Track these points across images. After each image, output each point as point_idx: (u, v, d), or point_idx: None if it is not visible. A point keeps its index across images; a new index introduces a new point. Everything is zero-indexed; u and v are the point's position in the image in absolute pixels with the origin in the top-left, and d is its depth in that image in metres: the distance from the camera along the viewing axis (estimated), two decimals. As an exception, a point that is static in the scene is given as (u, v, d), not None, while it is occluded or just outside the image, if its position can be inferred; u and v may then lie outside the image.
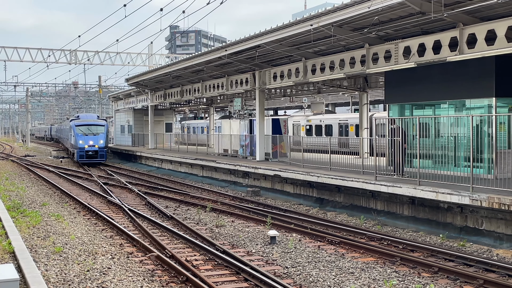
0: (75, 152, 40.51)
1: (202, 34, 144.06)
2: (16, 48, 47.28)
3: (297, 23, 18.47)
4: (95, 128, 40.81)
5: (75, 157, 40.14)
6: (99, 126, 41.27)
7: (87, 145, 39.34)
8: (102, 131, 40.88)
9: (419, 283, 10.33)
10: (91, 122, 41.68)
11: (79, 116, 44.01)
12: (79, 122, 41.62)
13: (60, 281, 10.14)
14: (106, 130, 41.52)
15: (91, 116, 45.55)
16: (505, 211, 13.07)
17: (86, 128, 40.61)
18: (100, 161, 39.90)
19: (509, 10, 14.17)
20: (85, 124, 41.07)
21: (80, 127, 40.66)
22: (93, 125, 41.09)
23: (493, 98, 16.51)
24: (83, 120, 42.29)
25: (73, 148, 41.55)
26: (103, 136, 40.51)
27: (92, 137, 39.85)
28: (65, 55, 48.01)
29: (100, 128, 41.05)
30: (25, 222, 15.91)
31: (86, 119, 42.47)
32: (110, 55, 50.08)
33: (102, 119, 43.83)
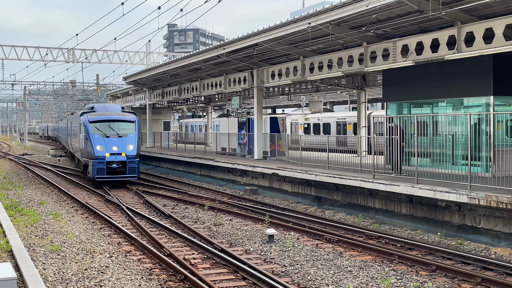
0: (89, 165, 25.65)
1: (200, 33, 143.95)
2: (14, 46, 47.18)
3: (295, 22, 18.47)
4: (120, 126, 26.76)
5: (90, 173, 25.46)
6: (127, 123, 27.00)
7: (108, 153, 25.19)
8: (132, 130, 26.64)
9: (417, 281, 10.33)
10: (114, 116, 27.25)
11: (94, 107, 29.05)
12: (95, 116, 26.98)
13: (58, 280, 10.13)
14: (138, 130, 27.05)
15: (112, 107, 29.97)
16: (503, 209, 13.08)
17: (106, 126, 26.45)
18: (129, 178, 25.75)
19: (507, 8, 14.18)
20: (105, 120, 26.74)
21: (97, 124, 26.36)
22: (117, 121, 26.95)
23: (491, 97, 16.51)
24: (102, 114, 27.52)
25: (86, 158, 26.42)
26: (134, 139, 26.15)
27: (117, 141, 25.80)
28: (62, 54, 47.93)
29: (128, 127, 26.88)
30: (23, 221, 15.89)
31: (106, 113, 27.79)
32: (108, 54, 50.00)
33: (129, 112, 28.98)
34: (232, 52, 23.63)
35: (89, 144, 25.65)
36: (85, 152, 26.47)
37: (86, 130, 26.13)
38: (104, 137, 25.61)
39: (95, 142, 25.41)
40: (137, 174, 25.64)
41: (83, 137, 26.87)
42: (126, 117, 27.40)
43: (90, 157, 25.59)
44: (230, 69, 28.30)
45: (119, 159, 25.18)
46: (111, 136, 25.84)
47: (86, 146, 26.23)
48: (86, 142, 26.17)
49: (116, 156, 25.16)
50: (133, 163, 25.43)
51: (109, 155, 25.10)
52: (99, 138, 25.58)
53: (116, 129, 26.34)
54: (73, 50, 48.16)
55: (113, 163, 25.08)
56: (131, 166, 25.41)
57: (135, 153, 25.70)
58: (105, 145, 25.30)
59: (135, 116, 27.74)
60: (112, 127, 26.41)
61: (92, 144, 25.33)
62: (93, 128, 26.01)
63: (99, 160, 25.00)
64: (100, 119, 26.63)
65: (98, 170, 24.95)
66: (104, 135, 25.77)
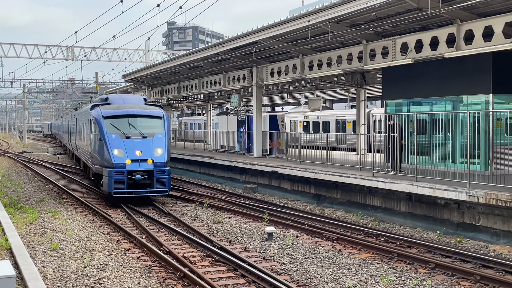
0: (104, 175, 19.40)
1: (199, 31, 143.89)
2: (13, 44, 47.13)
3: (294, 19, 18.45)
4: (145, 124, 20.52)
5: (105, 186, 19.13)
6: (153, 119, 20.71)
7: (130, 160, 19.07)
8: (160, 129, 20.40)
9: (416, 279, 10.34)
10: (135, 110, 20.75)
11: (108, 98, 22.53)
12: (111, 110, 20.61)
13: (57, 278, 10.13)
14: (168, 128, 20.67)
15: (132, 99, 23.14)
16: (502, 207, 13.09)
17: (126, 123, 20.11)
18: (158, 194, 19.37)
19: (506, 6, 14.17)
20: (124, 115, 20.36)
21: (114, 120, 20.10)
22: (140, 117, 20.62)
23: (490, 95, 16.52)
24: (119, 107, 21.06)
25: (99, 165, 20.16)
26: (163, 140, 19.98)
27: (141, 143, 19.59)
28: (61, 51, 47.89)
29: (155, 124, 20.61)
30: (22, 219, 15.89)
31: (125, 105, 21.34)
32: (107, 51, 49.96)
33: (154, 105, 22.70)
34: (232, 50, 23.62)
35: (103, 147, 19.28)
36: (98, 158, 19.98)
37: (99, 129, 19.70)
38: (123, 138, 19.23)
39: (112, 144, 19.08)
40: (167, 187, 19.14)
41: (94, 137, 20.43)
42: (152, 111, 20.72)
43: (104, 164, 19.23)
44: (229, 67, 28.28)
45: (144, 167, 18.87)
46: (133, 136, 19.43)
47: (98, 150, 19.81)
48: (99, 144, 19.77)
49: (140, 164, 18.93)
50: (162, 173, 18.98)
51: (130, 162, 18.83)
52: (117, 139, 19.22)
53: (140, 127, 19.84)
54: (72, 48, 48.12)
55: (136, 173, 18.65)
56: (160, 177, 18.88)
57: (165, 160, 19.27)
58: (125, 149, 19.00)
59: (162, 110, 21.15)
60: (134, 124, 19.86)
61: (108, 148, 19.01)
62: (109, 126, 19.63)
63: (117, 169, 18.68)
64: (118, 114, 20.10)
65: (116, 183, 18.47)
66: (123, 135, 19.35)
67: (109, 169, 18.87)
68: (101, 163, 19.72)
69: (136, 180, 18.65)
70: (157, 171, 18.98)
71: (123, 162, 18.84)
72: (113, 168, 18.80)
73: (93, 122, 20.66)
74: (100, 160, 19.73)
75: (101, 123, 19.77)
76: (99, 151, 19.87)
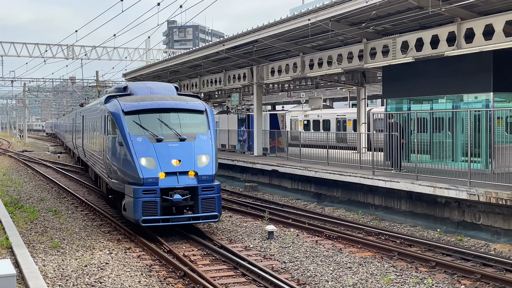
0: (127, 194, 13.89)
1: (199, 29, 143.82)
2: (13, 43, 47.16)
3: (294, 18, 18.44)
4: (183, 121, 15.11)
5: (130, 210, 13.58)
6: (193, 115, 15.41)
7: (164, 173, 13.68)
8: (203, 128, 15.09)
9: (416, 277, 10.34)
10: (168, 103, 15.18)
11: (127, 87, 16.66)
12: (133, 103, 15.07)
13: (58, 276, 10.14)
14: (213, 127, 15.29)
15: (160, 87, 16.84)
16: (502, 206, 13.09)
17: (155, 120, 14.74)
18: (205, 221, 13.93)
19: (507, 4, 14.16)
20: (153, 109, 14.89)
21: (140, 116, 14.70)
22: (175, 111, 15.13)
23: (490, 93, 16.52)
24: (145, 98, 15.42)
25: (119, 180, 14.64)
26: (208, 144, 14.70)
27: (179, 148, 14.21)
28: (62, 50, 47.93)
29: (195, 121, 15.34)
30: (23, 218, 15.91)
31: (152, 96, 15.61)
32: (108, 50, 49.99)
33: (190, 96, 16.90)
34: (232, 48, 23.61)
35: (125, 155, 13.93)
36: (117, 170, 14.50)
37: (119, 128, 14.24)
38: (153, 142, 13.89)
39: (138, 151, 13.69)
40: (217, 211, 13.70)
41: (111, 141, 14.83)
42: (191, 104, 15.16)
43: (127, 179, 13.84)
44: (229, 65, 28.27)
45: (185, 183, 13.50)
46: (167, 139, 14.04)
47: (118, 158, 14.41)
48: (118, 150, 14.36)
49: (178, 178, 13.53)
50: (210, 190, 13.66)
51: (164, 175, 13.44)
52: (144, 143, 13.85)
53: (176, 126, 14.46)
54: (73, 46, 48.15)
55: (173, 192, 13.29)
56: (208, 196, 13.58)
57: (213, 171, 13.96)
58: (157, 158, 13.64)
59: (203, 103, 15.65)
60: (168, 122, 14.47)
61: (132, 156, 13.63)
62: (132, 125, 14.21)
63: (146, 186, 13.23)
64: (145, 108, 14.60)
65: (145, 207, 13.10)
66: (153, 137, 13.97)
67: (135, 186, 13.23)
68: (121, 177, 14.10)
69: (174, 202, 13.16)
70: (202, 188, 13.48)
71: (155, 176, 13.30)
72: (140, 185, 13.21)
73: (109, 120, 14.94)
74: (121, 173, 14.12)
75: (122, 120, 14.16)
76: (118, 160, 14.26)
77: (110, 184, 15.45)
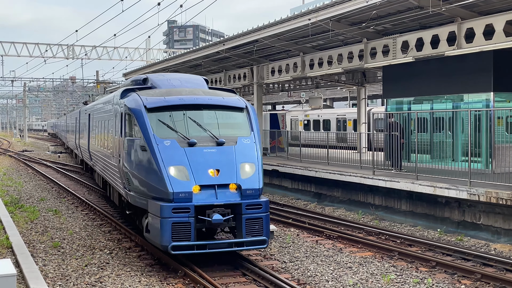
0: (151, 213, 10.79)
1: (200, 29, 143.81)
2: (13, 43, 47.16)
3: (295, 18, 18.44)
4: (221, 120, 12.00)
5: (156, 232, 10.47)
6: (232, 112, 12.25)
7: (198, 186, 10.64)
8: (244, 129, 12.05)
9: (416, 277, 10.34)
10: (200, 98, 11.99)
11: (148, 79, 13.39)
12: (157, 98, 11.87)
13: (58, 276, 10.15)
14: (256, 128, 12.21)
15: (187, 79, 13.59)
16: (502, 206, 13.08)
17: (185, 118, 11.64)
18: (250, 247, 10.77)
19: (507, 4, 14.16)
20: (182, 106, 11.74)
21: (166, 114, 11.59)
22: (210, 108, 12.00)
23: (491, 93, 16.52)
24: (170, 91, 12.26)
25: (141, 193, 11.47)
26: (252, 149, 11.58)
27: (216, 154, 11.12)
28: (62, 50, 47.91)
29: (234, 120, 12.25)
30: (23, 217, 15.92)
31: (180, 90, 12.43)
32: (108, 50, 49.99)
33: (225, 90, 13.53)
34: (232, 48, 23.60)
35: (149, 163, 11.14)
36: (137, 179, 11.64)
37: (141, 129, 11.44)
38: (184, 146, 11.13)
39: (166, 157, 10.95)
40: (265, 235, 10.89)
41: (130, 144, 11.96)
42: (228, 100, 12.31)
43: (151, 192, 11.06)
44: (230, 65, 28.26)
45: (225, 198, 10.75)
46: (201, 143, 11.29)
47: (139, 166, 11.59)
48: (139, 155, 11.52)
49: (217, 193, 10.77)
50: (256, 208, 10.87)
51: (199, 189, 10.71)
52: (173, 148, 11.10)
53: (211, 127, 11.71)
54: (73, 46, 48.14)
55: (211, 211, 10.56)
56: (253, 216, 10.81)
57: (260, 184, 11.17)
58: (189, 166, 10.91)
59: (242, 99, 12.65)
60: (201, 121, 11.70)
61: (159, 163, 10.87)
62: (157, 125, 11.45)
63: (177, 203, 10.49)
64: (173, 104, 11.75)
65: (176, 229, 10.35)
66: (183, 140, 11.25)
67: (163, 203, 10.37)
68: (143, 190, 11.23)
69: (213, 223, 10.27)
70: (247, 206, 10.61)
71: (188, 190, 10.45)
72: (169, 201, 10.38)
73: (127, 118, 12.12)
74: (143, 184, 11.23)
75: (144, 119, 11.33)
76: (140, 168, 11.39)
77: (127, 197, 12.31)
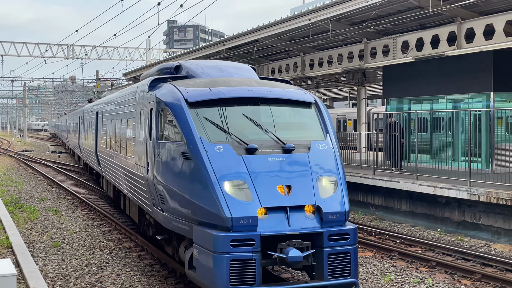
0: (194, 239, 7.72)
1: (200, 29, 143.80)
2: (13, 42, 47.15)
3: (295, 18, 18.44)
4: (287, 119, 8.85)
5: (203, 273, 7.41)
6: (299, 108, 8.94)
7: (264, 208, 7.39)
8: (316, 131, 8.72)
9: (416, 277, 10.34)
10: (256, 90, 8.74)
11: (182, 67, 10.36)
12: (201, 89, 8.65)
13: (58, 276, 10.15)
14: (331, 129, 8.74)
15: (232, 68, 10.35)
16: (502, 206, 13.08)
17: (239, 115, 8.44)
18: None
19: (507, 4, 14.17)
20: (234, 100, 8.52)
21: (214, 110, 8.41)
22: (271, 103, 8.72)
23: (491, 93, 16.52)
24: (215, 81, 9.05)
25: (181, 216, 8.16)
26: (330, 157, 8.40)
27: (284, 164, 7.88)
28: (62, 50, 47.91)
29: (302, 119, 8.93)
30: (23, 217, 15.92)
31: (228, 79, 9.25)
32: (108, 50, 49.98)
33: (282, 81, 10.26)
34: (232, 48, 23.60)
35: (194, 174, 7.94)
36: (175, 196, 8.45)
37: (183, 128, 8.26)
38: (242, 153, 7.97)
39: (220, 169, 7.74)
40: (354, 275, 7.63)
41: (166, 149, 8.79)
42: (292, 93, 9.14)
43: (197, 216, 7.89)
44: (230, 65, 28.23)
45: (301, 225, 7.54)
46: (263, 149, 8.10)
47: (178, 178, 8.37)
48: (179, 164, 8.34)
49: (289, 218, 7.55)
50: (342, 238, 7.65)
51: (264, 213, 7.53)
52: (228, 156, 7.90)
53: (271, 127, 8.51)
54: (73, 46, 48.13)
55: (284, 244, 7.36)
56: (338, 250, 7.59)
57: (345, 207, 7.99)
58: (251, 181, 7.69)
59: (308, 92, 9.43)
60: (257, 119, 8.57)
61: (209, 176, 7.67)
62: (203, 124, 8.33)
63: (237, 232, 7.28)
64: (223, 97, 8.59)
65: (235, 269, 7.14)
66: (238, 144, 8.10)
67: (217, 232, 7.45)
68: (185, 212, 8.20)
69: (289, 261, 7.32)
70: (330, 236, 7.64)
71: (251, 214, 7.47)
72: (226, 229, 7.45)
73: (160, 116, 9.10)
74: (185, 204, 8.18)
75: (186, 116, 8.33)
76: (180, 182, 8.35)
77: (158, 217, 9.19)
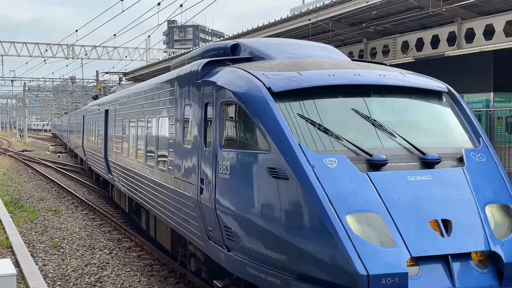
0: None
1: (200, 29, 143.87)
2: (13, 42, 47.16)
3: (295, 18, 18.44)
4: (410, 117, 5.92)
5: None
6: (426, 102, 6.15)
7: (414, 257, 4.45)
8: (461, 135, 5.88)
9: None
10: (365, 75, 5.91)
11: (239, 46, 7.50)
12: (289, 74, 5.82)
13: (58, 276, 10.15)
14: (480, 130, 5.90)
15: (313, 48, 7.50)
16: (502, 206, 13.06)
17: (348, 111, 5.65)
18: None
19: (507, 4, 14.17)
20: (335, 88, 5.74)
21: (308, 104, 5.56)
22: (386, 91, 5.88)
23: (491, 93, 16.52)
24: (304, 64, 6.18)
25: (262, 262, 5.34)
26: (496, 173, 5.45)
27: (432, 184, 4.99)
28: (62, 50, 47.92)
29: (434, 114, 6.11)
30: (23, 217, 15.92)
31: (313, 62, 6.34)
32: (108, 50, 49.99)
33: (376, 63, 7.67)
34: (232, 48, 23.59)
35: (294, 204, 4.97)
36: (261, 235, 5.38)
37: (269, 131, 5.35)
38: (365, 169, 5.04)
39: (337, 195, 4.77)
40: None
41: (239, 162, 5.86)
42: (413, 79, 6.32)
43: (299, 267, 4.89)
44: (230, 65, 28.25)
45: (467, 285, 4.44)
46: (392, 161, 5.13)
47: (266, 208, 5.32)
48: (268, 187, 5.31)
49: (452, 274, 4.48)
50: None
51: (413, 264, 4.48)
52: (345, 172, 4.95)
53: (398, 128, 5.59)
54: (73, 46, 48.14)
55: None
56: None
57: None
58: (389, 214, 4.70)
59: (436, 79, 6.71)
60: (371, 114, 5.71)
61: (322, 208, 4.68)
62: (298, 124, 5.43)
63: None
64: (321, 84, 5.73)
65: None
66: (355, 155, 5.16)
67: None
68: (276, 258, 5.24)
69: None
70: None
71: (399, 269, 4.41)
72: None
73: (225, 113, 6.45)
74: (278, 246, 5.19)
75: (272, 112, 5.51)
76: (269, 213, 5.34)
77: (218, 258, 6.84)
